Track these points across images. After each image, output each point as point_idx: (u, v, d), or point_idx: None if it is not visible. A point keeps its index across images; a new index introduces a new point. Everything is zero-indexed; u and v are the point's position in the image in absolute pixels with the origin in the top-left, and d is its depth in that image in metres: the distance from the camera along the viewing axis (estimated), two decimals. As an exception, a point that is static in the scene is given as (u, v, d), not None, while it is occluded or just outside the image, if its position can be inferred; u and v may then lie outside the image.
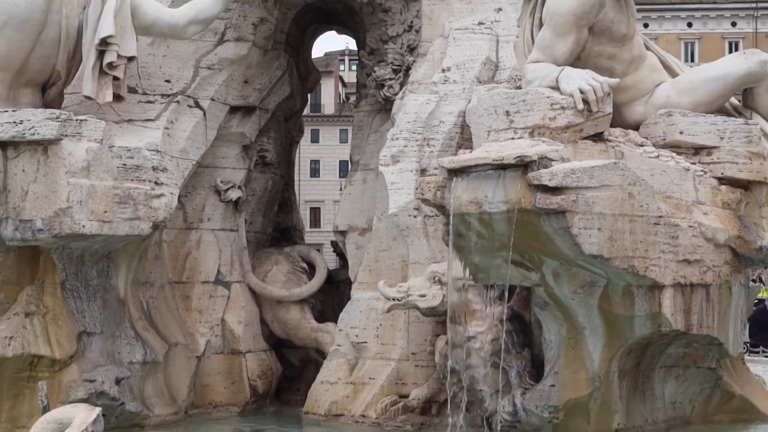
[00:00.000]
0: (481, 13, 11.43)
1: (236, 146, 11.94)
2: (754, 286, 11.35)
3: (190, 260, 11.42)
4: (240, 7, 11.40)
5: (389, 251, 10.71)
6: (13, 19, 9.98)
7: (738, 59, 10.37)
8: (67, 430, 7.14)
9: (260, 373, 11.60)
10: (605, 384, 9.06)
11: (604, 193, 8.27)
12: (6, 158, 9.31)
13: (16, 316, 9.71)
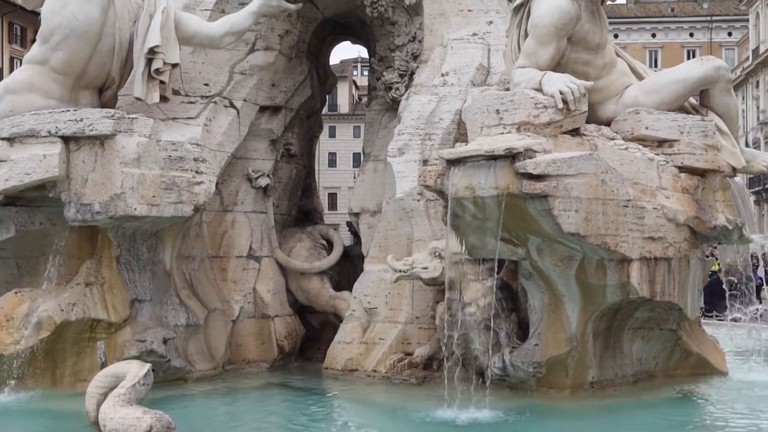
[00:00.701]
0: (475, 25, 11.42)
1: (265, 140, 11.97)
2: (709, 260, 11.38)
3: (226, 238, 11.46)
4: (268, 21, 11.40)
5: (396, 230, 10.73)
6: (74, 31, 10.03)
7: (696, 65, 10.38)
8: (122, 382, 7.20)
9: (286, 335, 11.65)
10: (581, 343, 9.11)
11: (581, 180, 8.31)
12: (69, 151, 9.36)
13: (78, 286, 9.78)
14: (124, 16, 10.33)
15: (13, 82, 10.44)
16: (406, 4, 11.88)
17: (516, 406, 8.82)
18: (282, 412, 9.45)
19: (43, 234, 10.03)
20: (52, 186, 9.38)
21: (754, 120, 72.49)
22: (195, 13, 11.12)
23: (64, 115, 9.54)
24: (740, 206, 9.89)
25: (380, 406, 9.51)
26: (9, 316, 9.71)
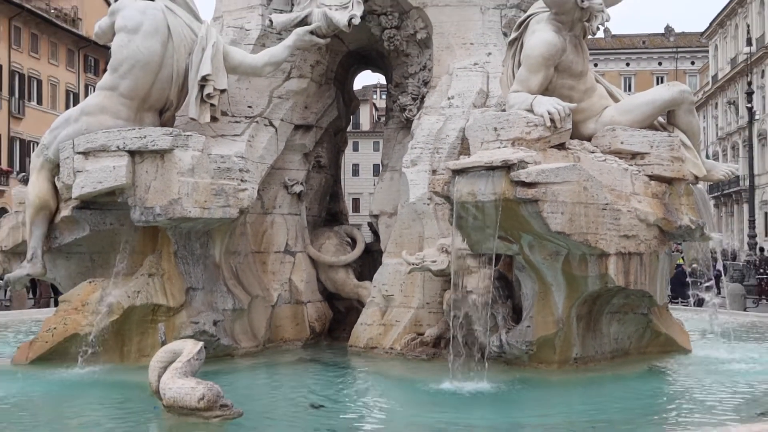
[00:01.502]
0: (476, 56, 11.41)
1: (299, 154, 11.96)
2: (675, 254, 11.32)
3: (266, 236, 11.49)
4: (301, 53, 11.41)
5: (410, 229, 10.74)
6: (138, 62, 10.07)
7: (664, 89, 10.39)
8: (179, 357, 7.23)
9: (317, 317, 11.67)
10: (566, 325, 9.09)
11: (566, 187, 8.30)
12: (134, 163, 9.40)
13: (142, 277, 9.81)
14: (180, 49, 10.38)
15: (87, 105, 10.52)
16: (417, 38, 11.92)
17: (511, 379, 8.83)
18: (313, 383, 9.45)
19: (113, 233, 10.10)
20: (120, 192, 9.44)
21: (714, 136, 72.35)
22: (240, 46, 11.17)
23: (130, 132, 9.59)
24: (702, 209, 9.88)
25: (396, 378, 9.52)
26: (84, 302, 9.78)
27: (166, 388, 7.00)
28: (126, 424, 7.30)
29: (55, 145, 10.06)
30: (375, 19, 11.90)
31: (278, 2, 11.88)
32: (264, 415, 7.48)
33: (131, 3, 10.49)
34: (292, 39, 10.99)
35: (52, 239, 10.28)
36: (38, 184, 10.18)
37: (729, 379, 9.05)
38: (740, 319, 14.95)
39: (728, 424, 6.67)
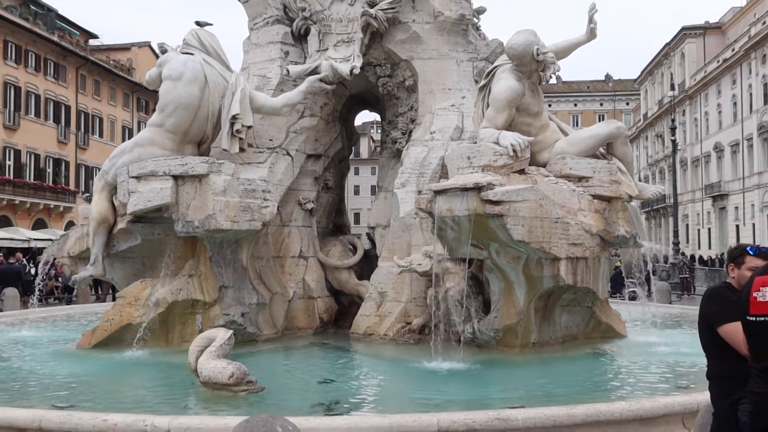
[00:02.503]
0: (453, 99, 11.44)
1: (311, 178, 11.95)
2: (613, 258, 11.34)
3: (284, 244, 11.47)
4: (312, 97, 11.42)
5: (400, 238, 10.74)
6: (181, 104, 10.10)
7: (604, 125, 10.45)
8: (213, 343, 7.22)
9: (325, 310, 11.65)
10: (526, 316, 9.10)
11: (525, 204, 8.34)
12: (177, 185, 9.39)
13: (183, 277, 9.79)
14: (215, 93, 10.41)
15: (139, 138, 10.56)
16: (406, 85, 11.95)
17: (481, 359, 8.84)
18: (322, 363, 9.49)
19: (160, 241, 10.08)
20: (166, 209, 9.42)
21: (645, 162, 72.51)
22: (263, 91, 11.19)
23: (174, 161, 9.60)
24: (635, 222, 9.91)
25: (389, 358, 9.54)
26: (136, 298, 9.80)
27: (203, 367, 7.00)
28: (169, 397, 7.30)
29: (113, 171, 10.09)
30: (372, 70, 11.92)
31: (294, 56, 11.91)
32: (282, 389, 7.49)
33: (175, 56, 10.53)
34: (305, 85, 11.04)
35: (111, 247, 10.29)
36: (99, 202, 10.22)
37: (657, 359, 9.09)
38: (666, 310, 15.01)
39: (657, 395, 6.66)
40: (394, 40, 11.71)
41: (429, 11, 11.59)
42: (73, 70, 48.44)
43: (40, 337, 11.39)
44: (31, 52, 44.15)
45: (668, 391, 7.11)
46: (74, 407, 6.11)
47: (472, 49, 11.75)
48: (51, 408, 5.86)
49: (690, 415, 5.37)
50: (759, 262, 4.15)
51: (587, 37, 10.04)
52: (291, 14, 11.94)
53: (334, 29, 11.52)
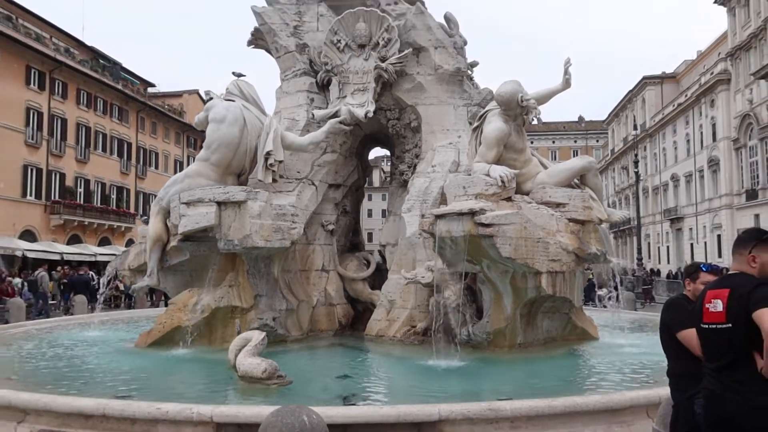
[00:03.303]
0: (451, 138, 11.46)
1: (332, 204, 11.96)
2: (587, 272, 11.29)
3: (309, 259, 11.44)
4: (333, 136, 11.46)
5: (407, 255, 10.71)
6: (224, 143, 10.18)
7: (578, 160, 10.43)
8: (249, 343, 7.21)
9: (343, 315, 11.58)
10: (513, 321, 9.05)
11: (512, 226, 8.33)
12: (220, 210, 9.41)
13: (224, 287, 9.79)
14: (252, 133, 10.47)
15: (189, 171, 10.61)
16: (411, 126, 12.00)
17: (475, 358, 8.76)
18: (340, 360, 9.43)
19: (205, 257, 10.07)
20: (210, 230, 9.45)
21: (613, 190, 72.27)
22: (292, 131, 11.23)
23: (217, 189, 9.65)
24: (605, 241, 9.85)
25: (396, 357, 9.47)
26: (185, 304, 9.80)
27: (240, 364, 6.99)
28: (212, 389, 7.28)
29: (167, 197, 10.13)
30: (383, 113, 11.97)
31: (318, 102, 11.99)
32: (306, 382, 7.45)
33: (219, 102, 10.62)
34: (327, 126, 11.10)
35: (164, 261, 10.30)
36: (155, 224, 10.24)
37: (625, 358, 8.99)
38: (632, 316, 14.86)
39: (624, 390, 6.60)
40: (402, 89, 11.78)
41: (431, 65, 11.67)
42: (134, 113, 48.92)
43: (104, 337, 11.41)
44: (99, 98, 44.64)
45: (634, 386, 7.04)
46: (132, 397, 6.12)
47: (466, 96, 11.79)
48: (113, 398, 5.86)
49: (653, 407, 5.32)
50: (710, 277, 4.14)
51: (563, 87, 10.07)
52: (316, 68, 12.06)
53: (351, 80, 11.59)
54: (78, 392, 6.43)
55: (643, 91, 63.87)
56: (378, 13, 11.67)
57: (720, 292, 3.49)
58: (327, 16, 12.26)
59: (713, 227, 46.60)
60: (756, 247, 3.48)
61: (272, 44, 12.51)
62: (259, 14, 12.44)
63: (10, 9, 39.78)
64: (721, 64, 45.80)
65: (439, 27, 11.80)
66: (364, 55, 11.56)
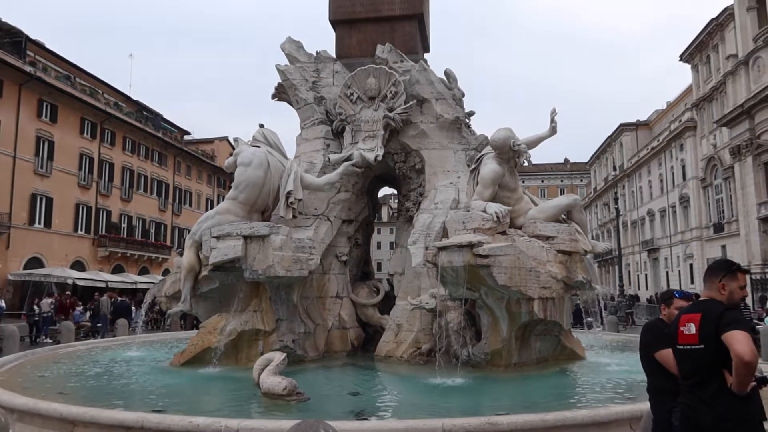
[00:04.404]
0: (451, 178, 11.49)
1: (345, 237, 11.92)
2: (575, 297, 11.15)
3: (325, 287, 11.36)
4: (347, 177, 11.51)
5: (412, 283, 10.64)
6: (250, 183, 10.26)
7: (564, 197, 10.40)
8: (271, 363, 7.15)
9: (355, 337, 11.45)
10: (509, 343, 8.93)
11: (507, 257, 8.28)
12: (246, 243, 9.40)
13: (249, 312, 9.75)
14: (275, 175, 10.54)
15: (219, 208, 10.64)
16: (416, 168, 12.04)
17: (475, 376, 8.62)
18: (353, 378, 9.29)
19: (233, 285, 10.05)
20: (237, 261, 9.43)
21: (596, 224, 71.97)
22: (310, 173, 11.27)
23: (244, 225, 9.66)
24: (590, 270, 9.76)
25: (403, 375, 9.32)
26: (214, 327, 9.74)
27: (263, 382, 6.92)
28: (238, 404, 7.19)
29: (199, 232, 10.15)
30: (390, 157, 12.03)
31: (333, 147, 12.08)
32: (322, 399, 7.35)
33: (246, 148, 10.72)
34: (341, 169, 11.16)
35: (196, 289, 10.27)
36: (189, 255, 10.25)
37: (609, 376, 8.84)
38: (615, 337, 14.66)
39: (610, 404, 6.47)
40: (407, 135, 11.86)
41: (433, 114, 11.77)
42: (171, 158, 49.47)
43: (143, 357, 11.34)
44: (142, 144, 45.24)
45: (618, 401, 6.90)
46: (167, 411, 6.06)
47: (464, 142, 11.85)
48: (151, 411, 5.81)
49: (635, 420, 5.24)
50: (683, 303, 4.13)
51: (550, 133, 10.12)
52: (331, 117, 12.19)
53: (363, 128, 11.68)
54: (120, 406, 6.38)
55: (620, 137, 64.08)
56: (386, 70, 11.84)
57: (693, 316, 3.49)
58: (341, 73, 12.45)
59: (686, 257, 46.23)
60: (725, 276, 3.50)
61: (293, 97, 12.68)
62: (282, 72, 12.64)
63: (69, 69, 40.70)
64: (688, 113, 46.07)
65: (440, 81, 11.94)
66: (374, 106, 11.69)
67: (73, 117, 37.74)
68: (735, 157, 35.73)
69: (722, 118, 36.69)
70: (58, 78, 37.30)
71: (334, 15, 13.16)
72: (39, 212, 34.76)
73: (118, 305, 22.53)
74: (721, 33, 40.38)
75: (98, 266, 38.96)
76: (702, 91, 43.28)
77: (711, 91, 41.47)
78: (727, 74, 37.37)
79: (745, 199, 34.78)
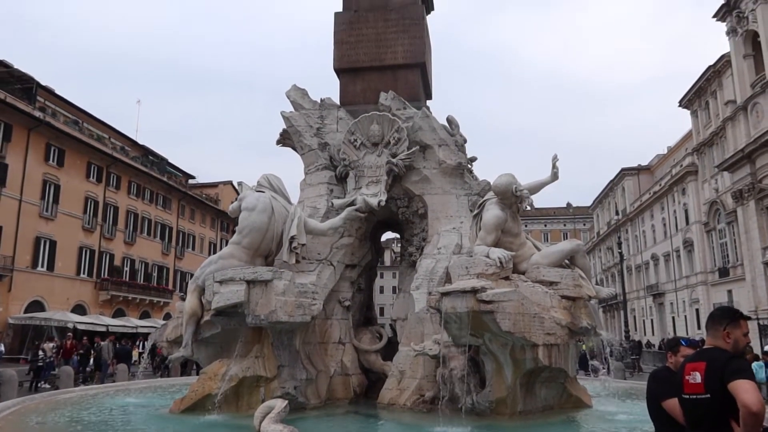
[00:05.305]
0: (454, 223, 11.53)
1: (348, 282, 11.87)
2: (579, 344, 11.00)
3: (327, 332, 11.26)
4: (350, 222, 11.52)
5: (415, 329, 10.55)
6: (254, 228, 10.29)
7: (567, 243, 10.40)
8: (273, 410, 7.04)
9: (358, 384, 11.26)
10: (513, 390, 8.79)
11: (510, 303, 8.23)
12: (249, 288, 9.39)
13: (251, 358, 9.63)
14: (279, 220, 10.58)
15: (223, 253, 10.62)
16: (419, 213, 12.09)
17: (479, 424, 8.46)
18: (355, 426, 9.16)
19: (235, 330, 9.97)
20: (240, 306, 9.39)
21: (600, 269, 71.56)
22: (314, 218, 11.32)
23: (247, 270, 9.66)
24: (594, 316, 9.68)
25: (407, 424, 9.15)
26: (215, 373, 9.61)
27: (264, 430, 6.79)
28: (238, 453, 7.07)
29: (203, 277, 10.14)
30: (394, 202, 12.09)
31: (336, 192, 12.17)
32: (324, 447, 7.22)
33: (251, 193, 10.81)
34: (345, 214, 11.21)
35: (198, 334, 10.20)
36: (192, 300, 10.21)
37: (617, 426, 8.67)
38: (621, 385, 14.40)
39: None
40: (410, 181, 11.97)
41: (435, 160, 11.90)
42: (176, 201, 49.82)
43: (143, 403, 11.17)
44: (147, 188, 45.64)
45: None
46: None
47: (467, 187, 11.93)
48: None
49: (645, 473, 5.12)
50: (689, 350, 4.11)
51: (551, 179, 10.20)
52: (335, 163, 12.33)
53: (366, 173, 11.80)
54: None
55: (622, 181, 64.44)
56: (389, 117, 12.04)
57: (697, 365, 3.46)
58: (345, 119, 12.66)
59: (691, 302, 45.79)
60: (729, 324, 3.50)
61: (298, 143, 12.85)
62: (288, 118, 12.87)
63: (77, 114, 41.49)
64: (689, 158, 46.45)
65: (442, 128, 12.11)
66: (377, 152, 11.84)
67: (80, 161, 38.24)
68: (737, 202, 35.81)
69: (723, 162, 36.96)
70: (66, 123, 37.99)
71: (339, 64, 13.47)
72: (42, 255, 34.84)
73: (119, 350, 22.34)
74: (719, 79, 41.10)
75: (99, 310, 38.76)
76: (702, 136, 43.74)
77: (711, 136, 41.92)
78: (727, 119, 37.84)
79: (750, 244, 34.68)
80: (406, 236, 12.80)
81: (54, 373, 20.04)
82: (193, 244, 52.80)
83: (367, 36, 13.43)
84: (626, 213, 59.68)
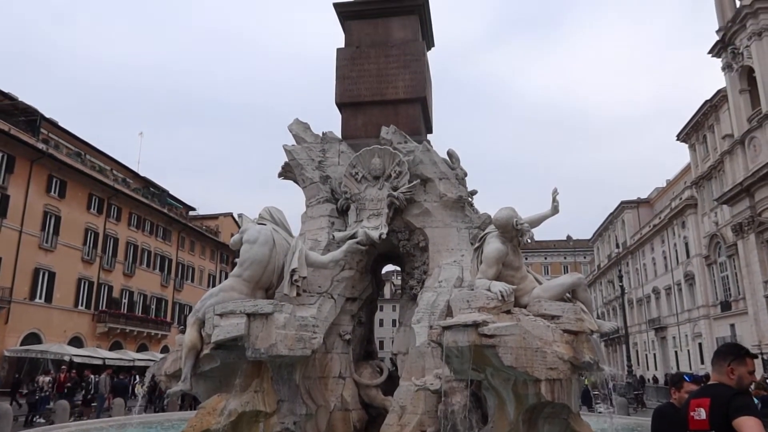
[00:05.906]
0: (455, 256, 11.51)
1: (348, 315, 11.77)
2: (582, 378, 10.89)
3: (327, 367, 11.13)
4: (351, 255, 11.47)
5: (416, 363, 10.44)
6: (255, 261, 10.25)
7: (568, 276, 10.33)
8: (272, 446, 6.95)
9: (358, 419, 11.10)
10: (515, 426, 8.65)
11: (512, 337, 8.16)
12: (249, 321, 9.30)
13: (250, 392, 9.50)
14: (280, 252, 10.55)
15: (223, 285, 10.55)
16: (420, 246, 12.09)
17: (482, 461, 8.33)
18: (355, 463, 8.99)
19: (234, 364, 9.84)
20: (240, 339, 9.30)
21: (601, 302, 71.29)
22: (315, 251, 11.28)
23: (248, 302, 9.60)
24: (597, 350, 9.57)
25: (408, 460, 9.01)
26: (214, 408, 9.45)
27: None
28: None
29: (203, 309, 10.08)
30: (394, 235, 12.09)
31: (338, 225, 12.18)
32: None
33: (252, 226, 10.82)
34: (346, 247, 11.20)
35: (197, 368, 10.07)
36: (191, 333, 10.12)
37: (622, 462, 8.54)
38: (626, 421, 14.21)
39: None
40: (411, 214, 12.00)
41: (436, 193, 11.96)
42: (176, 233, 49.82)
43: (138, 439, 11.02)
44: (147, 220, 45.71)
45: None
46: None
47: (468, 220, 11.94)
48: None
49: None
50: (693, 386, 4.10)
51: (552, 212, 10.23)
52: (336, 196, 12.38)
53: (367, 206, 11.84)
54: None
55: (622, 214, 64.59)
56: (390, 150, 12.15)
57: (702, 401, 3.46)
58: (347, 153, 12.77)
59: (694, 336, 45.41)
60: (734, 361, 3.51)
61: (299, 176, 12.94)
62: (289, 151, 12.98)
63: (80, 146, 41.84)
64: (688, 191, 46.66)
65: (443, 161, 12.21)
66: (379, 186, 11.90)
67: (81, 193, 38.41)
68: (737, 235, 35.85)
69: (722, 196, 37.13)
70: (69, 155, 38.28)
71: (341, 98, 13.65)
72: (41, 287, 34.71)
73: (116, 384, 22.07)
74: (716, 114, 41.58)
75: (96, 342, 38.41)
76: (700, 170, 44.04)
77: (709, 170, 42.21)
78: (725, 153, 38.16)
79: (751, 277, 34.59)
80: (406, 269, 12.76)
81: (49, 407, 19.78)
82: (193, 276, 52.61)
83: (368, 71, 13.65)
84: (626, 246, 59.66)
